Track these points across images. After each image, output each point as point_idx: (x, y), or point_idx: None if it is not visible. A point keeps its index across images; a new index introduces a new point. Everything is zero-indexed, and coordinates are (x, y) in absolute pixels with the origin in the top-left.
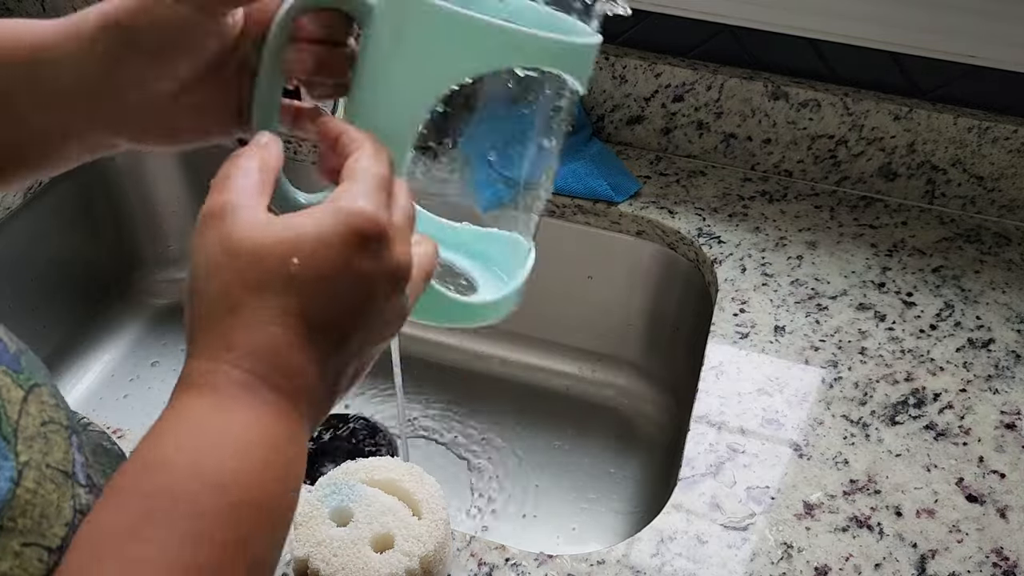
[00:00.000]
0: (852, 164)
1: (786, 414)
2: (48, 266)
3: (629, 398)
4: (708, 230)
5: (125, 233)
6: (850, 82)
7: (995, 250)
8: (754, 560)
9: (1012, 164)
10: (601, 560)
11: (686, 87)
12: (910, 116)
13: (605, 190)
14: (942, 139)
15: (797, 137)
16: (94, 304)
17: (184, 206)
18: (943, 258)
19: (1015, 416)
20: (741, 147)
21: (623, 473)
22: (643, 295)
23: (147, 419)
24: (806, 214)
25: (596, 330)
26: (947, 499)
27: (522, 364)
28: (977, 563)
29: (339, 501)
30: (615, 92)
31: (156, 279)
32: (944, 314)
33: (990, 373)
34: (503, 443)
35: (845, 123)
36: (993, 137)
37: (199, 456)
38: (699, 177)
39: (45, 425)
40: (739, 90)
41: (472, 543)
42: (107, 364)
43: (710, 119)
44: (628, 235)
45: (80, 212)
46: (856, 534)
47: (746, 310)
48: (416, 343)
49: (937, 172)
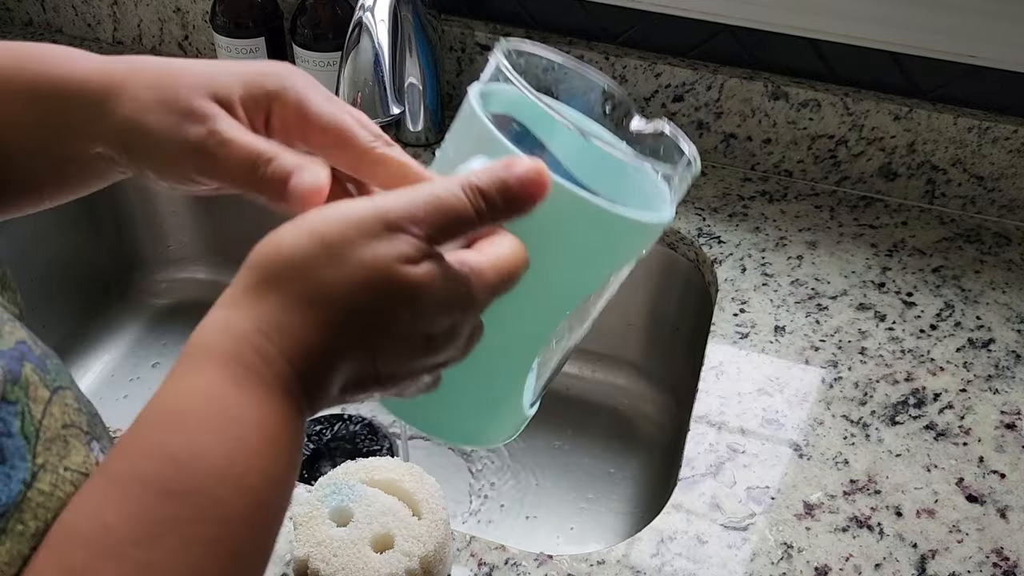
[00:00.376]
0: (852, 164)
1: (786, 414)
2: (48, 266)
3: (629, 398)
4: (708, 230)
5: (125, 233)
6: (850, 82)
7: (995, 250)
8: (754, 560)
9: (1012, 164)
10: (601, 560)
11: (686, 87)
12: (910, 116)
13: None
14: (942, 139)
15: (797, 137)
16: (94, 304)
17: (184, 206)
18: (943, 258)
19: (1015, 416)
20: (741, 147)
21: (623, 473)
22: (643, 295)
23: None
24: (806, 214)
25: (596, 330)
26: (947, 499)
27: None
28: (977, 563)
29: (339, 501)
30: None
31: (156, 279)
32: (944, 314)
33: (990, 373)
34: None
35: (845, 123)
36: (993, 137)
37: (231, 456)
38: (699, 177)
39: (66, 428)
40: (739, 90)
41: (472, 543)
42: (107, 364)
43: (710, 119)
44: None
45: (80, 212)
46: (856, 534)
47: (746, 310)
48: None
49: (937, 172)
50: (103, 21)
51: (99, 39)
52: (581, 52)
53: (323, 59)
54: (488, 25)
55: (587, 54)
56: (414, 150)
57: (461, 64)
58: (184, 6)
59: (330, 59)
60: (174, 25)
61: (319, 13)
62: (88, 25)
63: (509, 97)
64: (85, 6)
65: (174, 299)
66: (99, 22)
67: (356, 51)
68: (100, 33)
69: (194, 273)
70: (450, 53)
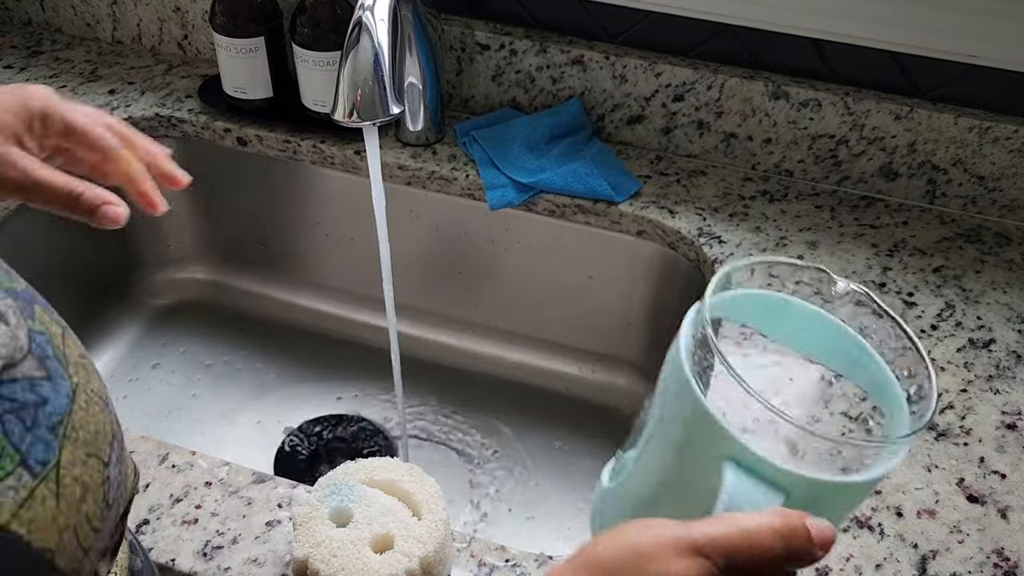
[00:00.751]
0: (853, 164)
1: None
2: (47, 266)
3: (629, 398)
4: (708, 230)
5: (125, 233)
6: (851, 82)
7: (996, 250)
8: None
9: (1013, 164)
10: None
11: (686, 86)
12: (911, 116)
13: (605, 190)
14: (943, 139)
15: (798, 137)
16: (94, 304)
17: (184, 206)
18: (944, 258)
19: (1016, 416)
20: (742, 147)
21: None
22: (643, 295)
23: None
24: (807, 214)
25: (596, 330)
26: (948, 499)
27: (522, 364)
28: (978, 564)
29: (339, 501)
30: (615, 91)
31: (156, 279)
32: (945, 314)
33: (991, 373)
34: (503, 443)
35: (846, 123)
36: (994, 137)
37: None
38: (699, 177)
39: (83, 357)
40: (740, 90)
41: (472, 544)
42: (107, 364)
43: (710, 119)
44: (628, 235)
45: None
46: (856, 534)
47: None
48: (416, 344)
49: (938, 172)
50: (102, 21)
51: (98, 39)
52: (581, 51)
53: (323, 59)
54: (488, 25)
55: (587, 53)
56: (414, 149)
57: (461, 64)
58: (183, 5)
59: (330, 58)
60: (173, 25)
61: (319, 12)
62: (87, 24)
63: None
64: (84, 5)
65: (174, 299)
66: (98, 21)
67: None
68: (99, 32)
69: (194, 273)
70: (450, 53)
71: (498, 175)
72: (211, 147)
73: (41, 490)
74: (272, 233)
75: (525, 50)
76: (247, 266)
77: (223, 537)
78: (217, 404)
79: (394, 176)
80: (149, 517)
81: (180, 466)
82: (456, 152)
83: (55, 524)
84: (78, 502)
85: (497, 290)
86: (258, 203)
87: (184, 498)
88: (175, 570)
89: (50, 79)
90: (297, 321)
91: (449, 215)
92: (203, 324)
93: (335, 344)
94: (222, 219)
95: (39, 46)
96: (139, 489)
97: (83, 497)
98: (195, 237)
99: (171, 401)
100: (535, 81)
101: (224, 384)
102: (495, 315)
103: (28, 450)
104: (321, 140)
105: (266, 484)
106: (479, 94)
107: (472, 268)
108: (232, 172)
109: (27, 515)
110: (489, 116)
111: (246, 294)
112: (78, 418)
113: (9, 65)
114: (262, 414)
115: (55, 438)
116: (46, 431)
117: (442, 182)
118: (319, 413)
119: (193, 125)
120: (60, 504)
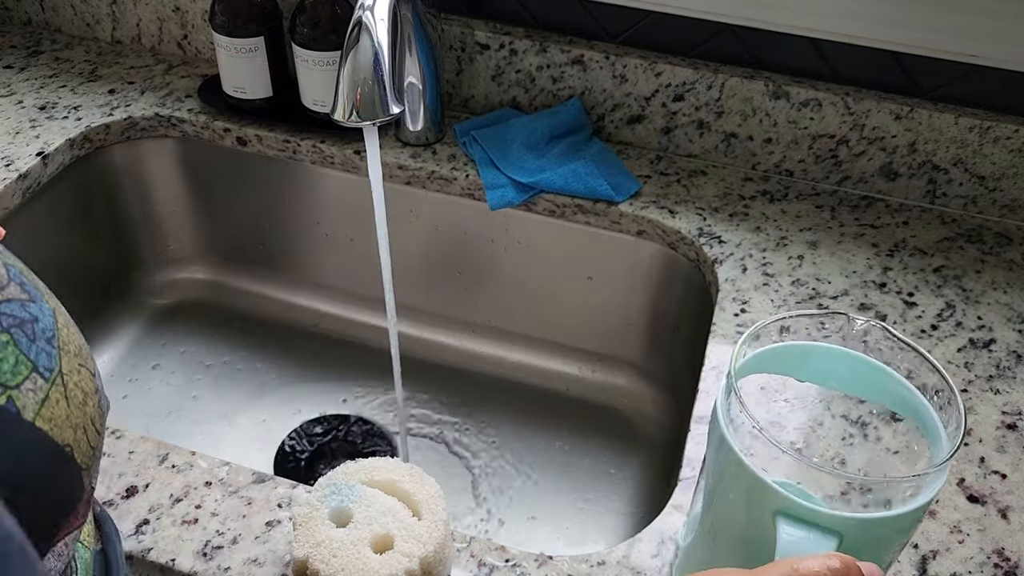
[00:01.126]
0: (853, 164)
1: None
2: (47, 266)
3: (629, 398)
4: (709, 230)
5: (125, 233)
6: (851, 81)
7: (996, 250)
8: None
9: (1013, 164)
10: (601, 561)
11: (687, 86)
12: (911, 116)
13: (605, 190)
14: (943, 139)
15: (798, 137)
16: (93, 304)
17: (184, 206)
18: (944, 258)
19: (1016, 416)
20: (742, 146)
21: (623, 473)
22: (643, 295)
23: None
24: (807, 214)
25: (596, 330)
26: (948, 500)
27: (522, 364)
28: (978, 564)
29: (339, 502)
30: (615, 91)
31: (156, 279)
32: (945, 314)
33: (991, 373)
34: (503, 443)
35: (846, 123)
36: (994, 137)
37: None
38: (700, 177)
39: (49, 289)
40: (740, 89)
41: (472, 544)
42: (106, 364)
43: (711, 118)
44: (628, 235)
45: (79, 212)
46: None
47: (747, 310)
48: (416, 344)
49: (938, 172)
50: (102, 20)
51: (98, 38)
52: (581, 51)
53: (322, 58)
54: (488, 24)
55: (587, 53)
56: (414, 149)
57: (461, 63)
58: (183, 5)
59: (330, 58)
60: (173, 24)
61: (319, 12)
62: (87, 24)
63: None
64: (84, 5)
65: (173, 299)
66: (98, 21)
67: (356, 50)
68: (99, 32)
69: (193, 273)
70: (450, 52)
71: (498, 175)
72: (211, 147)
73: (54, 392)
74: (272, 233)
75: (525, 50)
76: (247, 266)
77: (223, 537)
78: (217, 404)
79: (394, 176)
80: (149, 517)
81: (180, 466)
82: (456, 152)
83: (69, 422)
84: (82, 404)
85: (497, 290)
86: (258, 203)
87: (184, 498)
88: (175, 570)
89: (50, 79)
90: (297, 321)
91: (449, 215)
92: (203, 324)
93: (335, 344)
94: (222, 219)
95: (39, 46)
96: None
97: (85, 401)
98: (195, 237)
99: (171, 401)
100: (535, 81)
101: (224, 384)
102: (495, 315)
103: (36, 358)
104: (321, 140)
105: (266, 484)
106: (479, 94)
107: (472, 268)
108: (232, 172)
109: (47, 413)
110: (489, 116)
111: (246, 294)
112: (64, 334)
113: (9, 65)
114: (262, 414)
115: (53, 349)
116: (45, 343)
117: (442, 182)
118: (319, 413)
119: (193, 125)
120: (70, 405)
